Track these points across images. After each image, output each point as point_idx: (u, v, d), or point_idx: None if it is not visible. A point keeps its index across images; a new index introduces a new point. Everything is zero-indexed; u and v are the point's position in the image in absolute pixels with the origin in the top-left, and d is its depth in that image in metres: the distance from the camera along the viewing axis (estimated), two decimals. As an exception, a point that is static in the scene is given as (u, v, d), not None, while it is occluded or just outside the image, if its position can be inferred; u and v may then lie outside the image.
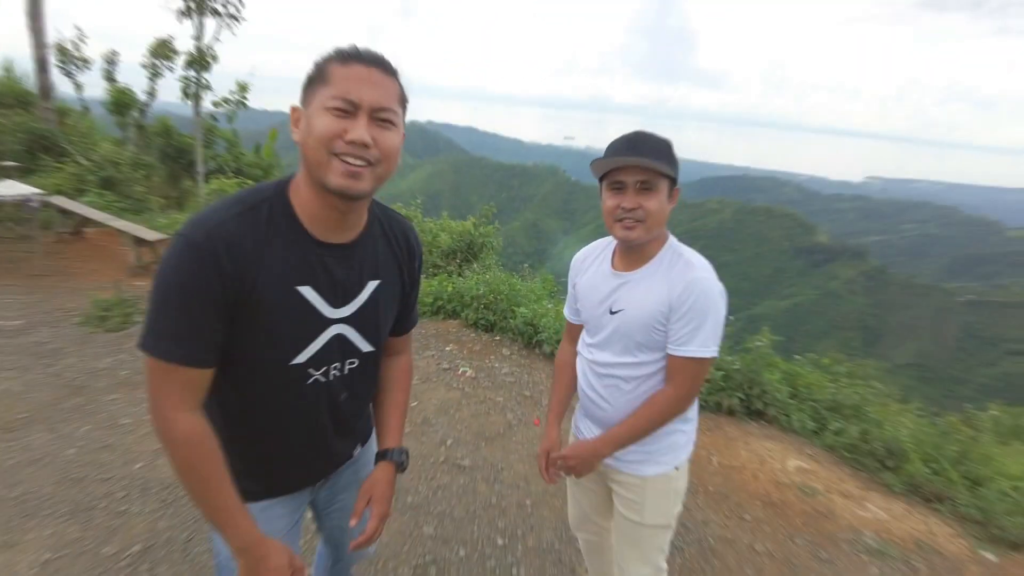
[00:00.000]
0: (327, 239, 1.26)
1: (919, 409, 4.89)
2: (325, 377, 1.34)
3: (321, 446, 1.47)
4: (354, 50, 1.16)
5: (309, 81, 1.17)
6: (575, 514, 2.15)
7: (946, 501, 3.55)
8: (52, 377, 4.14)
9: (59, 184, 8.06)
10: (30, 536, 2.75)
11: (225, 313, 1.16)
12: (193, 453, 1.19)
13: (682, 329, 1.63)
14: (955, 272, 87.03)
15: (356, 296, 1.33)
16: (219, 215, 1.16)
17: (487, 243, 7.87)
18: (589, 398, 1.86)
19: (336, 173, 1.14)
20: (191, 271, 1.11)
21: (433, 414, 4.06)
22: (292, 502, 1.50)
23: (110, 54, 12.15)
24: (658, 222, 1.64)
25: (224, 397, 1.29)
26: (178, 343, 1.14)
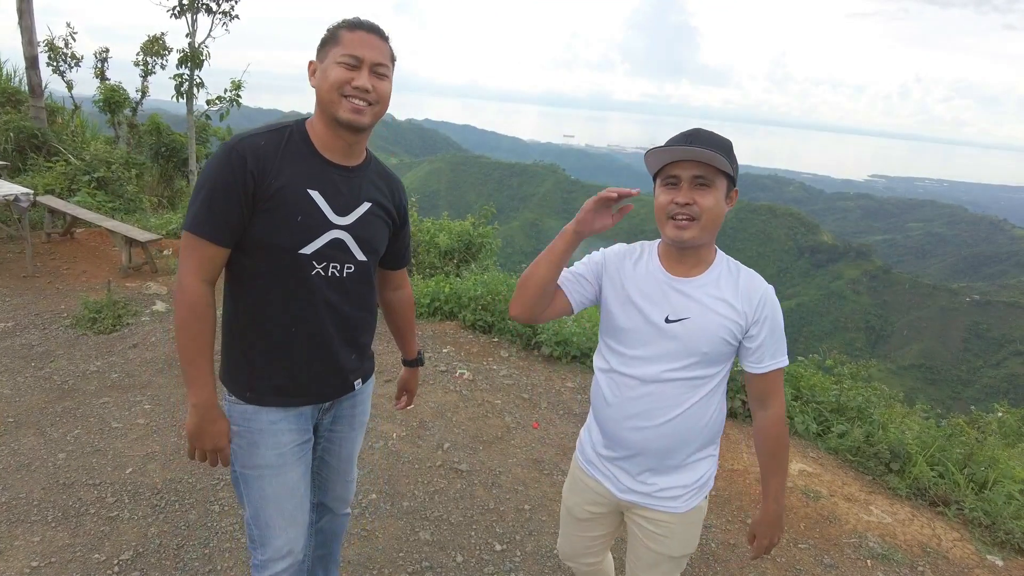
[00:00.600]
0: (334, 160, 1.63)
1: (924, 411, 4.82)
2: (326, 272, 1.63)
3: (327, 351, 1.70)
4: (358, 20, 1.59)
5: (323, 42, 1.57)
6: (570, 550, 1.98)
7: (952, 505, 3.49)
8: (41, 380, 4.09)
9: (49, 183, 7.98)
10: (18, 543, 2.70)
11: (248, 203, 1.51)
12: (193, 314, 1.53)
13: (771, 344, 1.59)
14: (961, 272, 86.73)
15: (354, 209, 1.65)
16: (252, 132, 1.57)
17: (486, 243, 7.81)
18: (623, 423, 1.65)
19: (345, 109, 1.53)
20: (224, 167, 1.49)
21: (430, 417, 4.00)
22: (298, 421, 1.74)
23: (102, 51, 12.10)
24: (713, 222, 1.52)
25: (244, 293, 1.62)
26: (206, 223, 1.50)
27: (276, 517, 1.73)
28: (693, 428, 1.63)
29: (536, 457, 3.67)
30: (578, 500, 1.85)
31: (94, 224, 6.57)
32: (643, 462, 1.67)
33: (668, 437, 1.62)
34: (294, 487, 1.74)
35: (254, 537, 1.76)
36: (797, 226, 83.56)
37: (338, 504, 2.08)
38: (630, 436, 1.65)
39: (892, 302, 67.14)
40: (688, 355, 1.57)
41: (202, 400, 1.57)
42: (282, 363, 1.66)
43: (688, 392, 1.60)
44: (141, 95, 12.20)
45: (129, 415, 3.75)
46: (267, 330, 1.64)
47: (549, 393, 4.47)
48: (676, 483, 1.67)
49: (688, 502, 1.68)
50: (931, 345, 59.32)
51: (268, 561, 1.75)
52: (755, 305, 1.56)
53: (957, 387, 51.94)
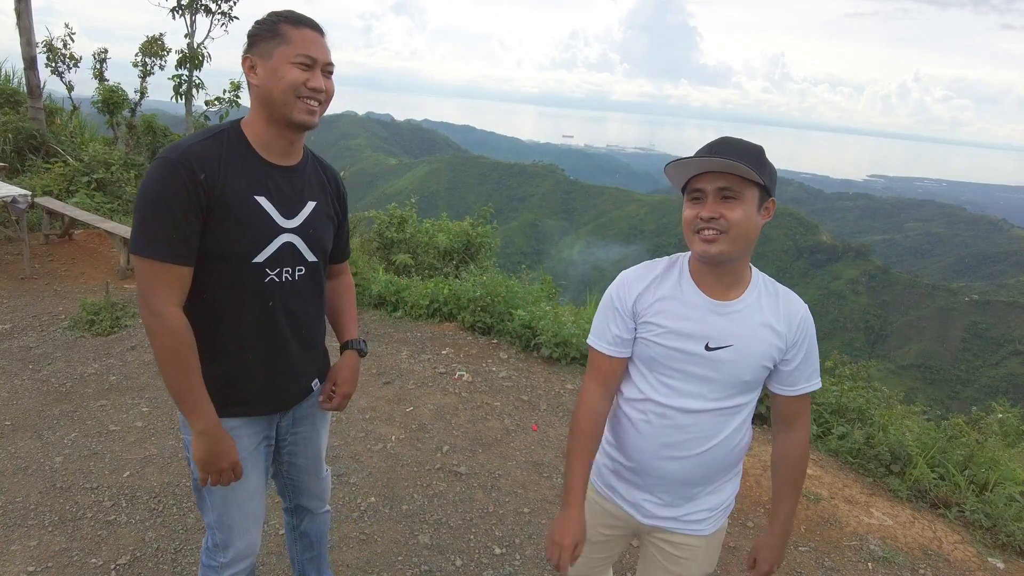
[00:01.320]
0: (276, 161, 1.60)
1: (924, 412, 4.81)
2: (279, 278, 1.62)
3: (285, 359, 1.70)
4: (299, 16, 1.53)
5: (261, 37, 1.51)
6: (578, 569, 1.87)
7: (953, 507, 3.47)
8: (39, 383, 4.07)
9: (47, 185, 7.95)
10: (15, 547, 2.69)
11: (201, 216, 1.46)
12: (178, 343, 1.47)
13: (806, 367, 1.53)
14: (960, 271, 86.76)
15: (300, 210, 1.64)
16: (189, 141, 1.49)
17: (484, 243, 7.80)
18: (659, 454, 1.57)
19: (300, 111, 1.52)
20: (172, 183, 1.41)
21: (429, 420, 3.99)
22: (257, 425, 1.73)
23: (100, 52, 12.06)
24: (744, 235, 1.41)
25: (196, 309, 1.54)
26: (165, 244, 1.42)
27: (240, 519, 1.75)
28: (728, 455, 1.58)
29: (535, 460, 3.65)
30: (593, 522, 1.73)
31: (92, 226, 6.54)
32: (674, 491, 1.61)
33: (704, 467, 1.57)
34: (255, 488, 1.76)
35: (217, 541, 1.77)
36: (796, 226, 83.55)
37: (315, 503, 2.10)
38: (664, 466, 1.58)
39: (891, 302, 67.16)
40: (730, 385, 1.50)
41: (207, 425, 1.54)
42: (239, 375, 1.64)
43: (726, 421, 1.54)
44: (140, 96, 12.17)
45: (127, 418, 3.73)
46: (223, 342, 1.61)
47: (549, 395, 4.46)
48: (703, 506, 1.62)
49: (714, 524, 1.65)
50: (930, 345, 59.36)
51: (231, 562, 1.78)
52: (795, 328, 1.50)
53: (956, 387, 51.97)
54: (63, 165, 8.47)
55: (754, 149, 1.42)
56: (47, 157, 9.01)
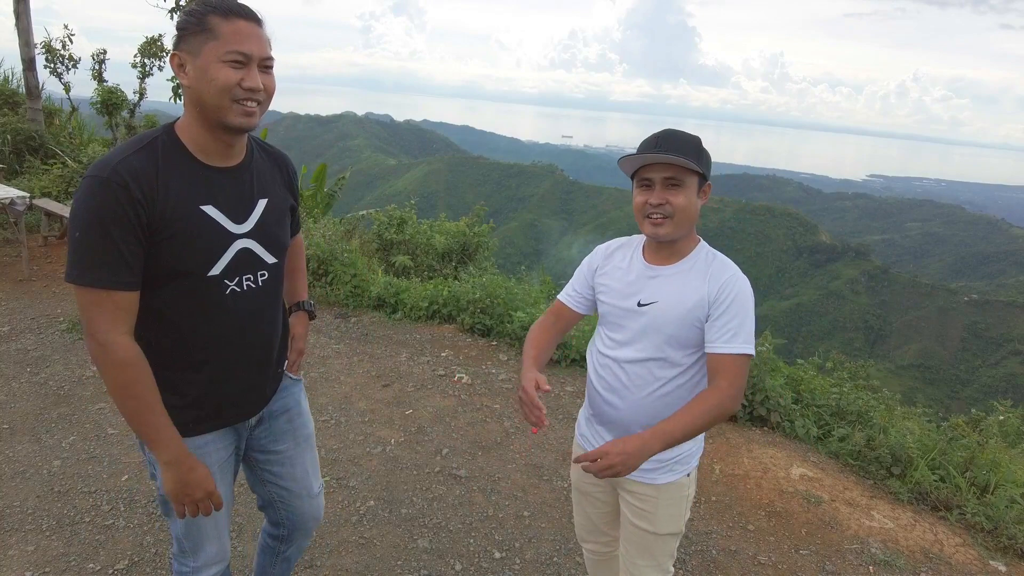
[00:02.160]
0: (217, 164, 1.48)
1: (924, 413, 4.80)
2: (240, 287, 1.52)
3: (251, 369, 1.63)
4: (230, 4, 1.37)
5: (189, 32, 1.36)
6: (583, 524, 2.09)
7: (954, 509, 3.46)
8: (37, 386, 4.06)
9: (46, 186, 7.93)
10: (12, 552, 2.68)
11: (142, 235, 1.34)
12: (130, 374, 1.37)
13: (727, 326, 1.63)
14: (959, 271, 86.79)
15: (251, 212, 1.53)
16: (119, 155, 1.34)
17: (482, 243, 7.78)
18: (604, 399, 1.79)
19: (237, 114, 1.38)
20: (106, 203, 1.29)
21: (428, 423, 3.97)
22: (227, 437, 1.67)
23: (99, 53, 12.04)
24: (687, 218, 1.64)
25: (156, 328, 1.46)
26: (105, 270, 1.31)
27: (209, 528, 1.70)
28: (668, 407, 1.69)
29: (535, 463, 3.64)
30: (579, 474, 1.97)
31: (91, 227, 6.52)
32: (622, 434, 1.72)
33: (642, 413, 1.72)
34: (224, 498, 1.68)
35: (184, 548, 1.72)
36: (795, 226, 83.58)
37: (312, 523, 2.00)
38: (610, 412, 1.78)
39: (890, 302, 67.18)
40: (657, 336, 1.69)
41: (173, 455, 1.44)
42: (204, 393, 1.56)
43: (660, 372, 1.70)
44: (139, 97, 12.15)
45: (125, 421, 3.71)
46: (186, 362, 1.52)
47: (548, 397, 4.45)
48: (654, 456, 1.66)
49: (665, 475, 1.77)
50: (929, 345, 59.37)
51: (201, 567, 1.73)
52: (719, 286, 1.64)
53: (955, 386, 51.97)
54: (62, 166, 8.44)
55: (693, 140, 1.64)
56: (45, 158, 8.99)
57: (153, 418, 1.41)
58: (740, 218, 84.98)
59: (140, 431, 1.43)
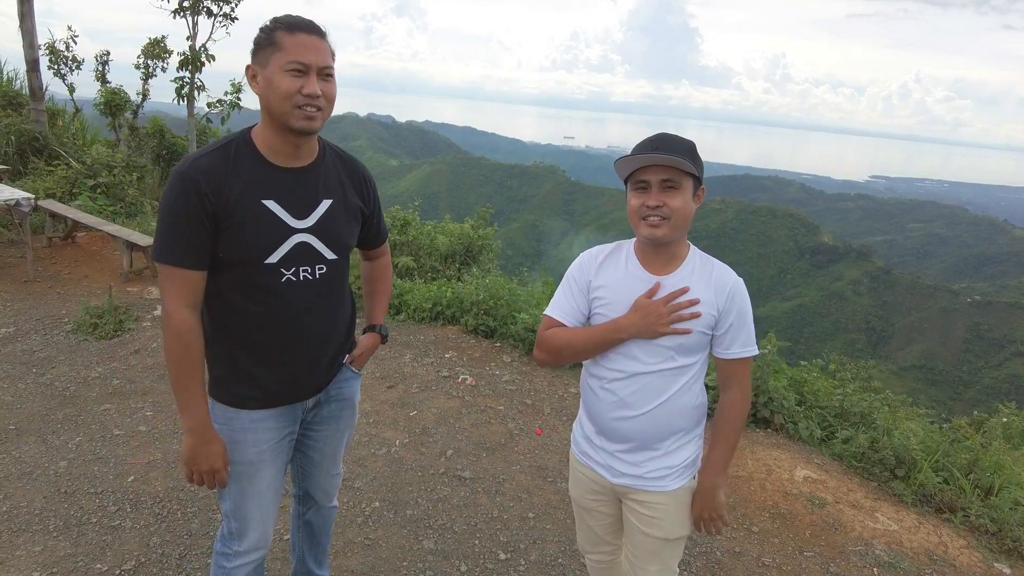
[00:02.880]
0: (285, 164, 1.63)
1: (928, 415, 4.80)
2: (296, 277, 1.66)
3: (306, 355, 1.75)
4: (294, 20, 1.54)
5: (260, 46, 1.53)
6: (586, 538, 2.06)
7: (958, 512, 3.46)
8: (43, 386, 4.07)
9: (50, 187, 7.94)
10: (20, 552, 2.69)
11: (208, 224, 1.53)
12: (180, 343, 1.57)
13: (739, 332, 1.69)
14: (962, 272, 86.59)
15: (314, 210, 1.67)
16: (198, 154, 1.57)
17: (486, 245, 7.79)
18: (614, 416, 1.75)
19: (298, 118, 1.53)
20: (180, 193, 1.51)
21: (433, 424, 3.98)
22: (280, 419, 1.79)
23: (102, 54, 12.08)
24: (683, 220, 1.65)
25: (220, 308, 1.65)
26: (175, 251, 1.53)
27: (255, 511, 1.80)
28: (676, 415, 1.73)
29: (540, 464, 3.65)
30: (579, 490, 1.96)
31: (95, 228, 6.54)
32: (631, 448, 1.77)
33: (652, 424, 1.72)
34: (271, 481, 1.81)
35: (232, 529, 1.83)
36: (797, 227, 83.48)
37: (322, 496, 2.13)
38: (617, 426, 1.76)
39: (893, 303, 67.08)
40: (665, 348, 1.68)
41: (196, 424, 1.62)
42: (264, 370, 1.71)
43: (668, 381, 1.70)
44: (142, 98, 12.18)
45: (131, 422, 3.73)
46: (246, 340, 1.68)
47: (552, 399, 4.45)
48: (663, 464, 1.76)
49: (676, 481, 1.78)
50: (932, 346, 59.27)
51: (245, 552, 1.84)
52: (725, 297, 1.67)
53: (958, 388, 51.88)
54: (65, 167, 8.46)
55: (689, 144, 1.65)
56: (49, 159, 9.01)
57: (191, 384, 1.60)
58: (742, 219, 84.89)
59: (178, 394, 1.61)
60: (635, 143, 1.70)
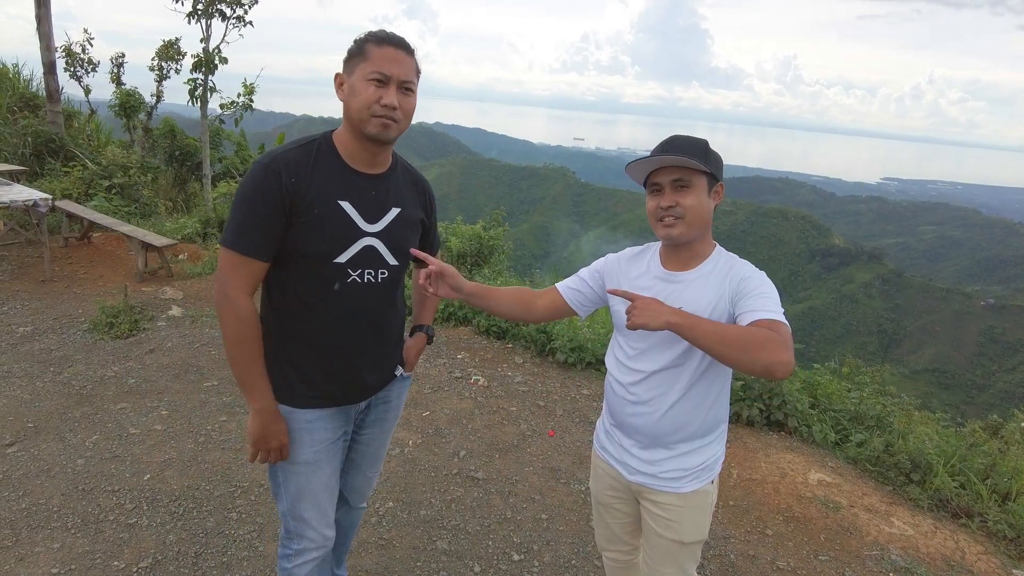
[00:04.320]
0: (361, 169, 1.69)
1: (943, 419, 4.76)
2: (361, 279, 1.70)
3: (364, 355, 1.79)
4: (386, 35, 1.60)
5: (351, 55, 1.60)
6: (604, 534, 2.07)
7: (975, 517, 3.43)
8: (60, 385, 4.11)
9: (67, 188, 8.04)
10: (39, 549, 2.72)
11: (284, 216, 1.58)
12: (245, 328, 1.61)
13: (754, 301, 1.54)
14: (975, 275, 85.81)
15: (383, 216, 1.72)
16: (282, 149, 1.63)
17: (497, 247, 7.79)
18: (629, 411, 1.77)
19: (374, 126, 1.59)
20: (261, 183, 1.55)
21: (445, 424, 3.99)
22: (335, 419, 1.82)
23: (118, 56, 12.22)
24: (699, 218, 1.65)
25: (284, 302, 1.69)
26: (247, 239, 1.57)
27: (312, 511, 1.83)
28: (693, 413, 1.72)
29: (552, 465, 3.65)
30: (599, 486, 1.98)
31: (110, 229, 6.61)
32: (647, 445, 1.77)
33: (669, 421, 1.72)
34: (328, 481, 1.84)
35: (290, 529, 1.86)
36: (808, 229, 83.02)
37: (355, 497, 2.15)
38: (634, 422, 1.77)
39: (904, 306, 66.53)
40: (682, 345, 1.66)
41: (264, 404, 1.66)
42: (320, 369, 1.74)
43: (686, 378, 1.69)
44: (156, 99, 12.30)
45: (146, 421, 3.77)
46: (305, 337, 1.71)
47: (564, 400, 4.45)
48: (678, 465, 1.75)
49: (691, 483, 1.76)
50: (944, 349, 58.73)
51: (303, 551, 1.87)
52: (736, 282, 1.64)
53: (971, 392, 51.36)
54: (81, 168, 8.56)
55: (700, 143, 1.66)
56: (65, 161, 9.11)
57: (254, 368, 1.65)
58: (753, 221, 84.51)
59: (241, 378, 1.65)
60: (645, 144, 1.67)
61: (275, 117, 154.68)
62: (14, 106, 10.24)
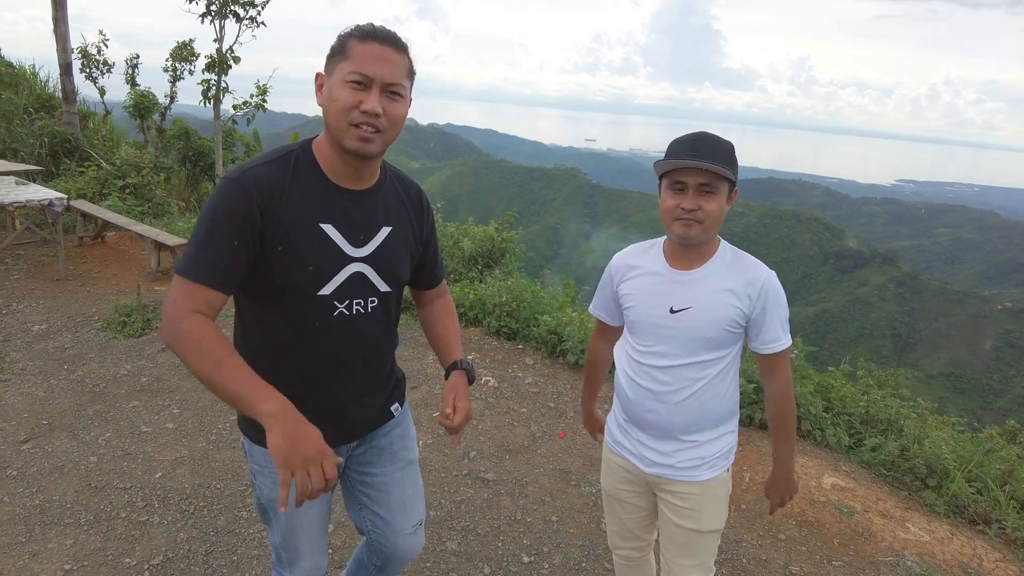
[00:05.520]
0: (345, 186, 1.47)
1: (959, 423, 4.69)
2: (349, 311, 1.49)
3: (353, 392, 1.59)
4: (371, 29, 1.37)
5: (332, 52, 1.38)
6: (617, 531, 2.07)
7: (993, 523, 3.37)
8: (74, 383, 4.15)
9: (81, 188, 8.14)
10: (52, 545, 2.74)
11: (252, 240, 1.34)
12: (201, 339, 1.27)
13: (773, 325, 1.70)
14: (992, 278, 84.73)
15: (372, 238, 1.51)
16: (254, 162, 1.41)
17: (509, 248, 7.79)
18: (643, 406, 1.80)
19: (352, 138, 1.36)
20: (227, 200, 1.33)
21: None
22: None
23: (132, 57, 12.34)
24: (716, 223, 1.66)
25: (260, 341, 1.49)
26: (200, 264, 1.32)
27: (304, 544, 1.69)
28: (706, 406, 1.75)
29: (563, 467, 3.63)
30: (612, 481, 1.98)
31: (124, 228, 6.67)
32: (663, 438, 1.80)
33: (683, 414, 1.75)
34: (319, 515, 1.69)
35: (282, 559, 1.73)
36: (822, 231, 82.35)
37: (405, 562, 1.90)
38: (649, 417, 1.79)
39: (919, 309, 65.80)
40: (694, 341, 1.70)
41: (276, 406, 1.24)
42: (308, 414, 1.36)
43: (697, 374, 1.73)
44: (170, 100, 12.40)
45: (158, 419, 3.79)
46: (288, 377, 1.43)
47: (575, 402, 4.43)
48: (695, 455, 1.79)
49: (708, 471, 1.79)
50: (960, 353, 58.00)
51: None
52: (757, 292, 1.68)
53: (988, 397, 50.68)
54: (96, 169, 8.65)
55: (728, 147, 1.65)
56: (81, 161, 9.22)
57: (239, 374, 1.26)
58: (766, 223, 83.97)
59: (230, 395, 1.25)
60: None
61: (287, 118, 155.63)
62: (31, 107, 10.37)
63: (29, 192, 6.06)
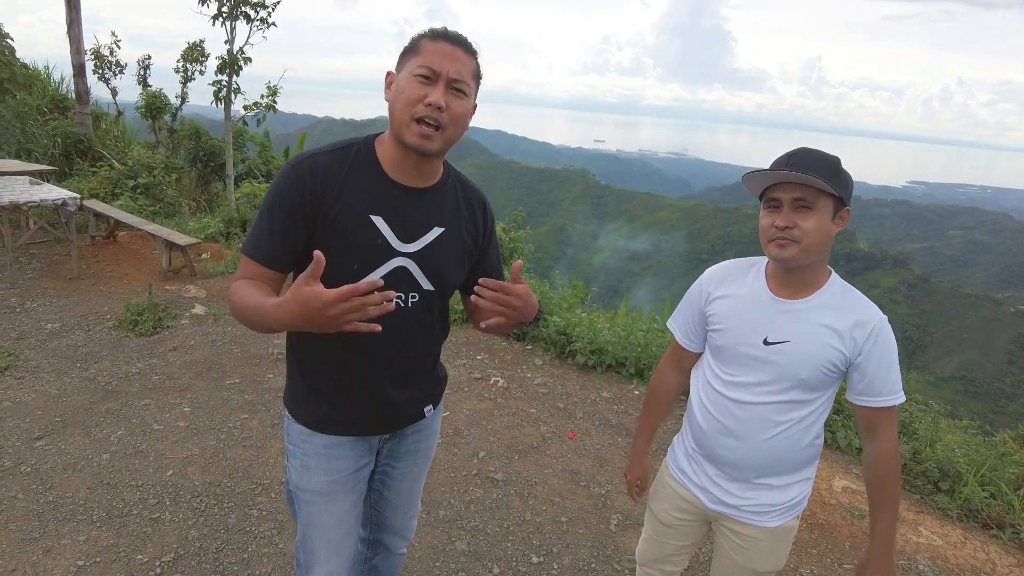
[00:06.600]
0: (402, 182, 1.50)
1: (972, 427, 4.65)
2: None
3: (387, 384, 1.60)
4: (443, 30, 1.44)
5: (404, 51, 1.44)
6: (654, 554, 1.94)
7: (1007, 528, 3.34)
8: (87, 381, 4.18)
9: (94, 188, 8.21)
10: (65, 541, 2.76)
11: (305, 223, 1.42)
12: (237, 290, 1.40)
13: (881, 375, 1.52)
14: (1005, 281, 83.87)
15: (422, 236, 1.52)
16: (316, 150, 1.48)
17: (517, 248, 7.80)
18: (718, 441, 1.66)
19: (413, 134, 1.39)
20: (284, 185, 1.42)
21: (464, 425, 3.99)
22: (356, 448, 1.67)
23: (144, 59, 12.45)
24: (817, 243, 1.48)
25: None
26: (258, 242, 1.44)
27: (321, 546, 1.67)
28: (788, 449, 1.61)
29: (572, 468, 3.63)
30: (665, 506, 1.86)
31: (136, 228, 6.72)
32: (734, 479, 1.68)
33: (762, 456, 1.62)
34: (343, 517, 1.68)
35: (300, 561, 1.72)
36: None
37: (395, 542, 1.98)
38: (724, 454, 1.66)
39: (931, 312, 65.25)
40: (786, 379, 1.56)
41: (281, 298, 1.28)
42: (341, 395, 1.59)
43: (783, 414, 1.58)
44: (181, 101, 12.49)
45: (170, 417, 3.81)
46: (327, 361, 1.57)
47: (584, 403, 4.42)
48: (766, 500, 1.66)
49: (777, 519, 1.68)
50: (972, 357, 57.45)
51: None
52: (865, 335, 1.51)
53: (1000, 400, 50.15)
54: (109, 169, 8.72)
55: (831, 161, 1.49)
56: (93, 161, 9.30)
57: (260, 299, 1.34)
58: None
59: (262, 316, 1.32)
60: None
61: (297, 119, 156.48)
62: (45, 107, 10.46)
63: (43, 192, 6.11)
